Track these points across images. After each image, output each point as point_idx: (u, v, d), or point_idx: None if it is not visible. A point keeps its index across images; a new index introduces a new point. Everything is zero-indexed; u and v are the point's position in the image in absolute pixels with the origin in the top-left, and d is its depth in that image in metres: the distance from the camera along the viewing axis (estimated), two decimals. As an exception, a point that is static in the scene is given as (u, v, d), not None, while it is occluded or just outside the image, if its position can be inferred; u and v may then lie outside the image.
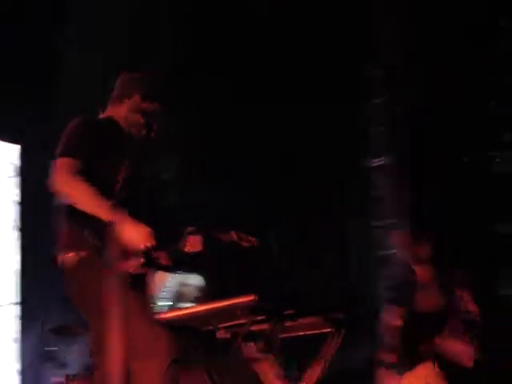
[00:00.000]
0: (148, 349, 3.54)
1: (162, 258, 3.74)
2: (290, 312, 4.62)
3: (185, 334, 4.73)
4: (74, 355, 7.06)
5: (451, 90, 10.61)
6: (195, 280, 10.68)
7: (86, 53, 9.09)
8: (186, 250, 3.97)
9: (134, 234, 3.58)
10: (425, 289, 5.84)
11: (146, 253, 3.58)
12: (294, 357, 5.75)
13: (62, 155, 3.70)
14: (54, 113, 8.85)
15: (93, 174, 3.62)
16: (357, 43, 11.62)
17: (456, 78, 10.56)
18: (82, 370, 6.87)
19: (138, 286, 3.68)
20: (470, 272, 10.41)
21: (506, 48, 10.72)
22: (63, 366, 7.18)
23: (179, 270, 9.58)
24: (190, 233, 4.00)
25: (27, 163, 9.21)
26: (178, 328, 4.43)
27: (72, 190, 3.62)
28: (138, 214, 3.64)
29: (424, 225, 11.12)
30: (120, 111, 3.99)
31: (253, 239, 4.21)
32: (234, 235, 4.13)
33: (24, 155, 9.30)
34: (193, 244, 3.97)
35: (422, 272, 5.95)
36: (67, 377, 7.05)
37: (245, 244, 4.18)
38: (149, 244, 3.58)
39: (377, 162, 12.24)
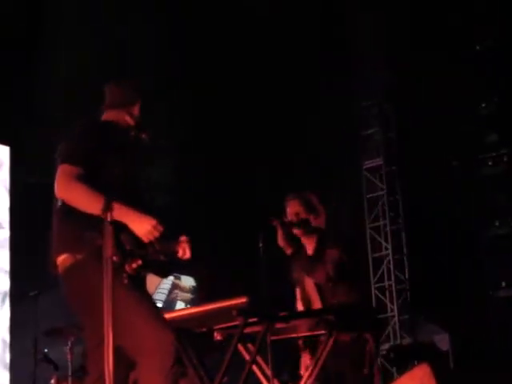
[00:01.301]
0: (155, 347, 3.55)
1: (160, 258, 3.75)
2: (283, 314, 4.63)
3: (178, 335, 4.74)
4: (66, 357, 7.02)
5: (441, 92, 10.66)
6: (187, 282, 10.70)
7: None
8: (179, 255, 3.97)
9: (142, 225, 3.62)
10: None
11: (144, 255, 3.59)
12: (287, 359, 5.77)
13: (64, 162, 3.72)
14: (43, 115, 8.89)
15: (94, 177, 3.66)
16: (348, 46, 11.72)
17: (445, 82, 10.60)
18: (73, 373, 6.84)
19: (140, 286, 3.70)
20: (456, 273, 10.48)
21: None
22: (56, 368, 7.15)
23: (172, 272, 9.59)
24: (182, 240, 4.00)
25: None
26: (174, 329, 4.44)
27: (72, 194, 3.65)
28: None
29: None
30: (121, 116, 4.04)
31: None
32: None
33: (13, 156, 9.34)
34: (184, 251, 3.97)
35: (307, 244, 5.70)
36: (57, 379, 7.03)
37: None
38: (156, 234, 3.60)
39: (370, 164, 12.30)
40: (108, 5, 9.32)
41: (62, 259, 3.74)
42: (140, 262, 3.58)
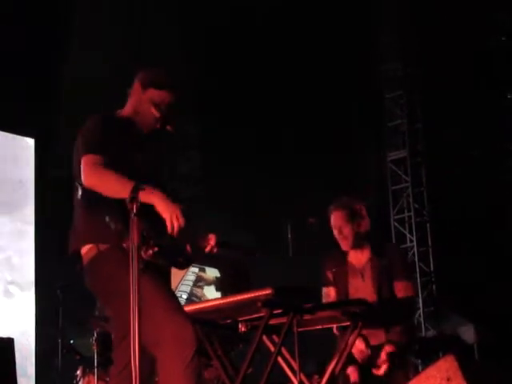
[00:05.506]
0: (174, 338, 3.54)
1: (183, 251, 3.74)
2: (308, 305, 4.61)
3: (203, 327, 4.75)
4: (92, 348, 7.03)
5: (466, 83, 10.61)
6: (212, 274, 10.71)
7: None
8: (206, 250, 3.95)
9: (169, 207, 3.59)
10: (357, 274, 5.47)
11: (160, 243, 3.56)
12: (312, 350, 5.76)
13: (86, 152, 3.73)
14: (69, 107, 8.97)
15: (115, 168, 3.66)
16: (372, 40, 11.68)
17: (470, 72, 10.54)
18: (98, 364, 6.84)
19: (162, 276, 3.70)
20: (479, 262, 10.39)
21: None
22: (81, 359, 7.16)
23: (189, 266, 9.58)
24: (210, 237, 3.97)
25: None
26: (197, 321, 4.45)
27: (102, 180, 3.66)
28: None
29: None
30: (129, 106, 4.03)
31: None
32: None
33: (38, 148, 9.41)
34: (211, 247, 3.94)
35: (355, 255, 5.52)
36: (83, 370, 7.04)
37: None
38: (181, 221, 3.58)
39: (394, 156, 12.26)
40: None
41: (86, 250, 3.75)
42: (157, 249, 3.55)
